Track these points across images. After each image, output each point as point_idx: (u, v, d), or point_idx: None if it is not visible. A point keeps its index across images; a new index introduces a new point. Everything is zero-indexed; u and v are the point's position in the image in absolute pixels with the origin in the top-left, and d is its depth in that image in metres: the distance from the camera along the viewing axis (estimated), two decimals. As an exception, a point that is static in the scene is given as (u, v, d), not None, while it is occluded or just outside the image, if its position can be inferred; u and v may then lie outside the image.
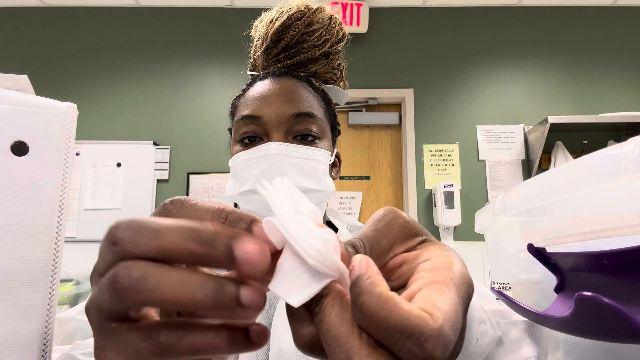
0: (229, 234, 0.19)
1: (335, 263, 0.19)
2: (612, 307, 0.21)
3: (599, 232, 0.28)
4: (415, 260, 0.22)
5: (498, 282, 2.11)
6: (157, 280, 0.18)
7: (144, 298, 0.18)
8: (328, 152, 0.62)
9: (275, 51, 0.66)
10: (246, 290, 0.19)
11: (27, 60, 2.92)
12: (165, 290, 0.18)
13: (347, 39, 0.71)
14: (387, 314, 0.17)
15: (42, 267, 0.22)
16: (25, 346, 0.21)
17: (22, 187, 0.22)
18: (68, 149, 0.24)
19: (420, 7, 2.98)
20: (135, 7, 3.01)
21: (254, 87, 0.62)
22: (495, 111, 2.85)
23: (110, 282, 0.18)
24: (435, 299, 0.18)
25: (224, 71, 2.91)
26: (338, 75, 0.72)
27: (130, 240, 0.18)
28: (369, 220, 0.24)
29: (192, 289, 0.18)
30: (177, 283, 0.18)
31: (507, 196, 0.43)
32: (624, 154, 0.25)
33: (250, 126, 0.59)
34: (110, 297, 0.18)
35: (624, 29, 2.92)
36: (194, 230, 0.18)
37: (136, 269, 0.18)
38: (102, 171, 2.75)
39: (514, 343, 0.40)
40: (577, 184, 0.30)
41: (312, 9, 0.65)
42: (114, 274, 0.18)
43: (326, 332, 0.18)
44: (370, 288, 0.17)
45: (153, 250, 0.18)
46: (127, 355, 0.19)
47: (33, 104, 0.23)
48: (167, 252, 0.18)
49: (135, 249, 0.18)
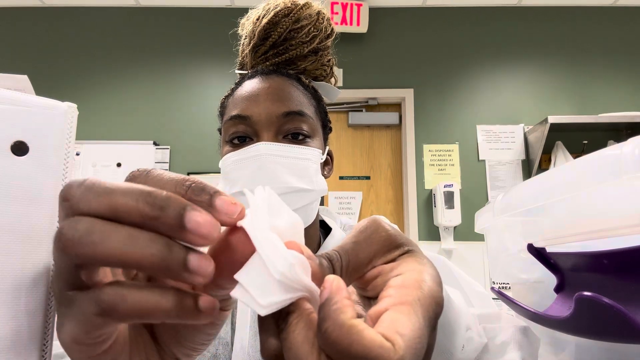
0: (182, 202, 0.18)
1: (303, 283, 0.19)
2: (612, 307, 0.21)
3: (599, 232, 0.28)
4: (389, 273, 0.22)
5: (498, 282, 2.11)
6: (103, 234, 0.18)
7: (89, 252, 0.17)
8: (319, 151, 0.61)
9: (263, 49, 0.65)
10: (195, 256, 0.18)
11: (27, 60, 2.92)
12: (110, 246, 0.17)
13: (336, 34, 0.69)
14: (349, 343, 0.17)
15: (42, 267, 0.22)
16: (25, 346, 0.21)
17: (22, 187, 0.22)
18: (68, 149, 0.24)
19: (420, 7, 2.98)
20: (135, 7, 3.01)
21: (243, 87, 0.61)
22: (495, 111, 2.85)
23: (56, 236, 0.18)
24: (399, 324, 0.18)
25: (224, 71, 2.91)
26: (328, 71, 0.70)
27: (81, 196, 0.18)
28: (352, 231, 0.24)
29: (139, 245, 0.18)
30: (124, 239, 0.18)
31: (507, 196, 0.43)
32: (624, 154, 0.25)
33: (240, 126, 0.58)
34: (56, 253, 0.18)
35: (624, 29, 2.92)
36: (147, 193, 0.18)
37: (83, 222, 0.18)
38: (102, 171, 2.75)
39: (500, 348, 0.41)
40: (577, 184, 0.30)
41: (299, 4, 0.64)
42: (60, 227, 0.18)
43: (288, 350, 0.18)
44: (334, 315, 0.17)
45: (103, 207, 0.18)
46: (75, 320, 0.19)
47: (33, 104, 0.23)
48: (117, 211, 0.18)
49: (85, 206, 0.18)
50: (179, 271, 0.18)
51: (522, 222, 0.40)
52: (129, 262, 0.18)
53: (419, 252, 0.24)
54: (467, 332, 0.38)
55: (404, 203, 2.81)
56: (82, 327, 0.19)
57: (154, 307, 0.18)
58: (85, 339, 0.19)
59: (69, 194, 0.19)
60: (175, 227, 0.18)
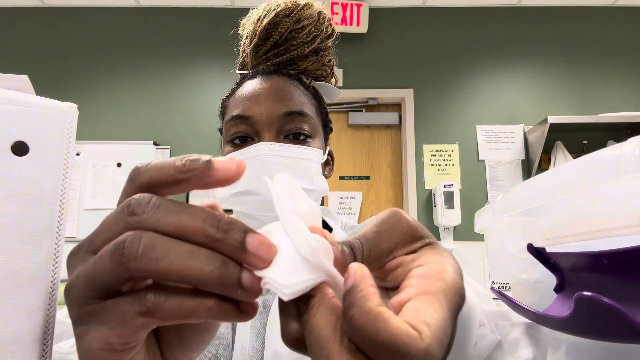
0: (244, 226, 0.19)
1: (325, 267, 0.19)
2: (612, 307, 0.21)
3: (599, 232, 0.28)
4: (411, 264, 0.22)
5: (498, 282, 2.11)
6: (165, 250, 0.18)
7: (150, 266, 0.18)
8: (320, 151, 0.61)
9: (264, 49, 0.65)
10: (248, 273, 0.19)
11: (27, 60, 2.92)
12: (172, 261, 0.18)
13: (336, 35, 0.69)
14: (375, 330, 0.17)
15: (42, 267, 0.22)
16: (25, 346, 0.21)
17: (22, 187, 0.22)
18: (68, 149, 0.24)
19: (420, 7, 2.98)
20: (135, 7, 3.01)
21: (244, 87, 0.61)
22: (495, 111, 2.85)
23: (117, 248, 0.18)
24: (424, 314, 0.18)
25: (224, 71, 2.91)
26: (328, 71, 0.71)
27: (151, 213, 0.19)
28: (373, 220, 0.24)
29: (199, 262, 0.18)
30: (185, 254, 0.18)
31: (507, 196, 0.43)
32: (624, 154, 0.25)
33: (241, 126, 0.58)
34: (112, 266, 0.18)
35: (624, 29, 2.92)
36: (212, 215, 0.19)
37: (146, 237, 0.18)
38: (102, 171, 2.75)
39: (512, 345, 0.40)
40: (577, 184, 0.30)
41: (300, 5, 0.64)
42: (122, 240, 0.18)
43: (309, 333, 0.18)
44: (361, 302, 0.17)
45: (172, 226, 0.19)
46: (112, 321, 0.19)
47: (33, 104, 0.23)
48: (184, 230, 0.19)
49: (154, 223, 0.19)
50: (233, 287, 0.19)
51: (522, 222, 0.40)
52: (188, 277, 0.18)
53: (439, 245, 0.24)
54: (480, 329, 0.38)
55: (404, 203, 2.81)
56: (118, 332, 0.19)
57: (197, 309, 0.19)
58: (118, 345, 0.19)
59: (137, 209, 0.19)
60: (238, 249, 0.19)
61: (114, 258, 0.18)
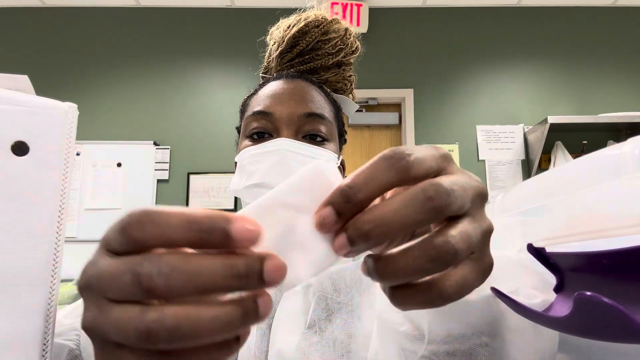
0: (224, 217, 0.20)
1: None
2: (612, 307, 0.21)
3: (598, 232, 0.28)
4: None
5: (498, 282, 2.10)
6: (187, 275, 0.19)
7: (177, 290, 0.19)
8: (335, 155, 0.63)
9: (289, 56, 0.68)
10: (270, 261, 0.20)
11: (27, 60, 2.92)
12: (196, 280, 0.19)
13: (359, 52, 0.72)
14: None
15: (42, 267, 0.22)
16: (25, 346, 0.21)
17: (22, 187, 0.22)
18: (68, 149, 0.24)
19: (420, 7, 2.98)
20: (135, 7, 3.01)
21: (267, 86, 0.63)
22: (495, 111, 2.85)
23: (138, 281, 0.19)
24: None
25: (224, 71, 2.91)
26: (348, 86, 0.74)
27: (142, 234, 0.20)
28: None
29: (218, 274, 0.19)
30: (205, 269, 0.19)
31: (507, 196, 0.43)
32: (624, 154, 0.25)
33: (262, 122, 0.60)
34: (138, 292, 0.19)
35: (624, 29, 2.92)
36: (192, 221, 0.20)
37: (163, 262, 0.19)
38: (103, 171, 2.75)
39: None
40: (577, 184, 0.30)
41: (329, 19, 0.67)
42: (137, 272, 0.19)
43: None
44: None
45: (161, 242, 0.20)
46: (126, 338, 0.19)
47: (33, 104, 0.23)
48: (173, 241, 0.20)
49: (150, 242, 0.20)
50: (255, 282, 0.20)
51: (521, 222, 0.40)
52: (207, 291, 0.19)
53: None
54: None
55: (404, 203, 2.81)
56: None
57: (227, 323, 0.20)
58: None
59: (132, 235, 0.20)
60: (225, 241, 0.20)
61: (137, 288, 0.19)
